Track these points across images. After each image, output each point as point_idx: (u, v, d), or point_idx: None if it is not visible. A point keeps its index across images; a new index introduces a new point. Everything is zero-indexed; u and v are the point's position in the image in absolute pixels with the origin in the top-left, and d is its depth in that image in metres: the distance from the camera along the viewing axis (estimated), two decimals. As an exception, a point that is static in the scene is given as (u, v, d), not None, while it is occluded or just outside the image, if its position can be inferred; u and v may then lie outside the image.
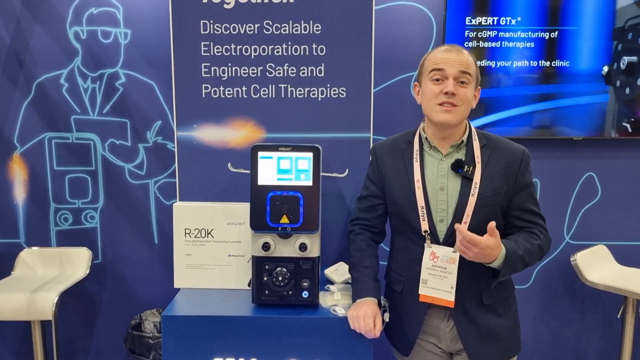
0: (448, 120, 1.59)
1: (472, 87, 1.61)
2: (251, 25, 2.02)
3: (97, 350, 2.92)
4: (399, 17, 2.66)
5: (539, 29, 2.62)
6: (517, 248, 1.56)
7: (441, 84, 1.59)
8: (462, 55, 1.60)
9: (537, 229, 1.65)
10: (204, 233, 1.93)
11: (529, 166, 1.66)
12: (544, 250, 1.65)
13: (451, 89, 1.56)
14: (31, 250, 2.72)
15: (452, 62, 1.58)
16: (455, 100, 1.57)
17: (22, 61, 2.68)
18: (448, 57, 1.59)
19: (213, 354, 1.68)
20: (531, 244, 1.60)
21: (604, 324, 2.92)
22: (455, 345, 1.69)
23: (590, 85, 2.65)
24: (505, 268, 1.53)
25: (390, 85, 2.68)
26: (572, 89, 2.65)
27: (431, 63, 1.62)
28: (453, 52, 1.60)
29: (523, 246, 1.57)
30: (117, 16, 2.66)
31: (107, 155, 2.76)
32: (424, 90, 1.65)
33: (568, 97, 2.66)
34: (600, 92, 2.65)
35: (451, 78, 1.57)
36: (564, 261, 2.78)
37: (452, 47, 1.62)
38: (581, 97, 2.66)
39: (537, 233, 1.64)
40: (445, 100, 1.58)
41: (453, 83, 1.57)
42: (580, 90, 2.65)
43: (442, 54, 1.61)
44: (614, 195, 2.82)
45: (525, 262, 1.58)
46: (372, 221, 1.80)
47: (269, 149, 1.69)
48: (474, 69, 1.61)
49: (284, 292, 1.72)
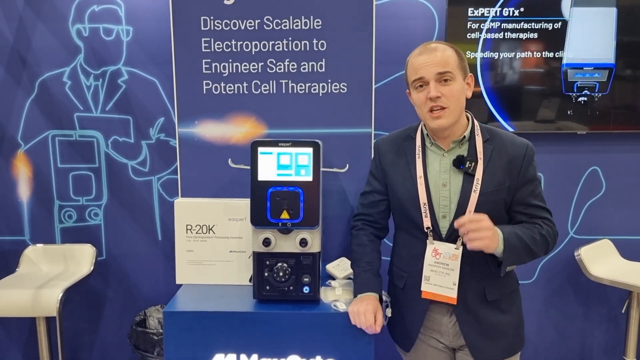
0: (441, 125, 1.58)
1: (458, 81, 1.57)
2: (251, 21, 2.02)
3: (102, 346, 2.94)
4: (400, 12, 2.65)
5: (543, 20, 2.61)
6: (514, 231, 1.54)
7: (425, 90, 1.57)
8: (435, 54, 1.56)
9: (542, 221, 1.62)
10: (205, 229, 1.93)
11: (533, 160, 1.64)
12: (549, 241, 1.61)
13: (434, 93, 1.54)
14: (36, 248, 2.74)
15: (427, 66, 1.55)
16: (442, 102, 1.55)
17: (25, 59, 2.69)
18: (423, 62, 1.56)
19: (214, 350, 1.68)
20: (532, 231, 1.58)
21: (609, 319, 2.91)
22: (457, 340, 1.69)
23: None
24: (508, 253, 1.51)
25: (392, 81, 2.68)
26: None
27: (411, 72, 1.61)
28: (426, 54, 1.57)
29: (522, 232, 1.55)
30: (119, 13, 2.67)
31: (110, 152, 2.77)
32: (413, 99, 1.64)
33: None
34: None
35: (432, 81, 1.55)
36: (568, 256, 2.77)
37: (424, 48, 1.59)
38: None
39: (541, 224, 1.61)
40: (433, 106, 1.56)
41: (435, 86, 1.54)
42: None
43: (416, 59, 1.59)
44: (619, 190, 2.80)
45: (529, 248, 1.55)
46: (374, 217, 1.79)
47: (269, 145, 1.69)
48: (453, 63, 1.57)
49: (284, 288, 1.72)
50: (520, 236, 1.54)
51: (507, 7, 2.60)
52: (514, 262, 1.57)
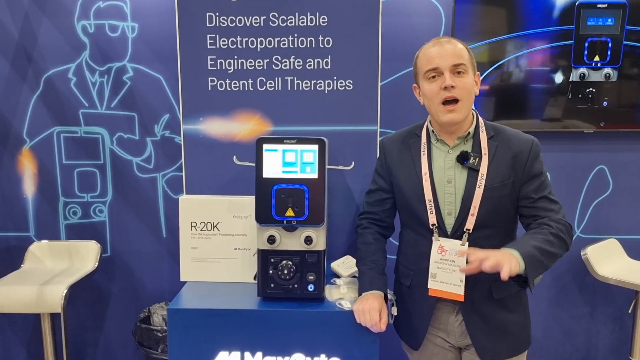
0: (454, 119, 1.57)
1: (470, 75, 1.57)
2: (257, 17, 2.01)
3: (106, 342, 2.94)
4: (406, 9, 2.63)
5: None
6: (527, 242, 1.49)
7: (438, 80, 1.56)
8: (451, 46, 1.56)
9: (550, 217, 1.56)
10: (210, 226, 1.93)
11: (539, 156, 1.62)
12: (564, 237, 1.54)
13: (449, 82, 1.53)
14: (41, 244, 2.74)
15: (443, 56, 1.55)
16: (456, 93, 1.54)
17: (31, 55, 2.69)
18: (437, 52, 1.56)
19: (218, 347, 1.68)
20: (543, 234, 1.52)
21: (615, 319, 2.89)
22: (464, 339, 1.68)
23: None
24: (530, 266, 1.43)
25: (398, 78, 2.67)
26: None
27: (423, 62, 1.60)
28: (442, 45, 1.57)
29: (535, 239, 1.50)
30: (125, 10, 2.66)
31: (115, 149, 2.77)
32: (423, 91, 1.62)
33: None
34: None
35: (447, 71, 1.54)
36: (575, 255, 2.74)
37: (439, 40, 1.60)
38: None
39: (548, 224, 1.55)
40: (447, 97, 1.54)
41: (450, 76, 1.54)
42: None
43: (430, 50, 1.58)
44: (626, 189, 2.79)
45: (548, 252, 1.48)
46: (380, 215, 1.79)
47: (274, 142, 1.69)
48: (467, 56, 1.58)
49: (289, 286, 1.72)
50: (536, 245, 1.48)
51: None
52: (539, 273, 1.52)
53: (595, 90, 2.62)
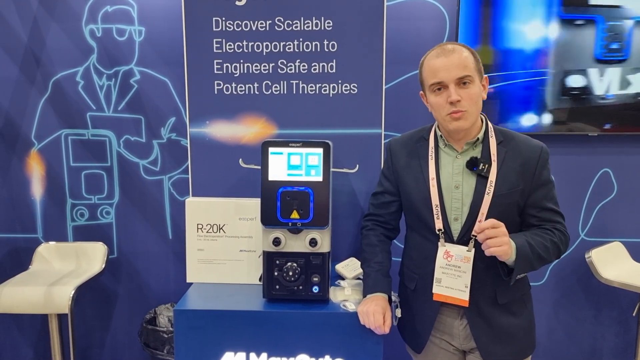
0: (461, 127, 1.56)
1: (476, 83, 1.55)
2: (263, 21, 2.02)
3: (113, 343, 2.96)
4: (411, 13, 2.65)
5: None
6: (526, 239, 1.53)
7: (444, 94, 1.54)
8: (455, 56, 1.53)
9: (553, 226, 1.60)
10: (216, 228, 1.94)
11: (547, 163, 1.61)
12: (561, 247, 1.60)
13: (454, 97, 1.51)
14: (48, 245, 2.77)
15: (448, 68, 1.52)
16: (462, 107, 1.52)
17: (39, 59, 2.72)
18: (441, 65, 1.53)
19: (224, 348, 1.69)
20: (543, 238, 1.56)
21: (620, 322, 2.89)
22: (468, 343, 1.68)
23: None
24: (519, 262, 1.49)
25: (403, 82, 2.68)
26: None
27: (428, 74, 1.57)
28: (447, 56, 1.53)
29: (534, 240, 1.54)
30: (132, 14, 2.69)
31: (122, 151, 2.80)
32: (430, 102, 1.61)
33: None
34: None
35: (452, 84, 1.52)
36: (579, 258, 2.75)
37: (442, 50, 1.56)
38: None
39: (552, 229, 1.59)
40: (453, 110, 1.53)
41: (455, 89, 1.52)
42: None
43: (434, 61, 1.55)
44: (630, 192, 2.78)
45: (540, 256, 1.54)
46: (385, 217, 1.79)
47: (279, 145, 1.70)
48: (472, 64, 1.54)
49: (294, 287, 1.72)
50: (532, 245, 1.52)
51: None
52: (525, 271, 1.55)
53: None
